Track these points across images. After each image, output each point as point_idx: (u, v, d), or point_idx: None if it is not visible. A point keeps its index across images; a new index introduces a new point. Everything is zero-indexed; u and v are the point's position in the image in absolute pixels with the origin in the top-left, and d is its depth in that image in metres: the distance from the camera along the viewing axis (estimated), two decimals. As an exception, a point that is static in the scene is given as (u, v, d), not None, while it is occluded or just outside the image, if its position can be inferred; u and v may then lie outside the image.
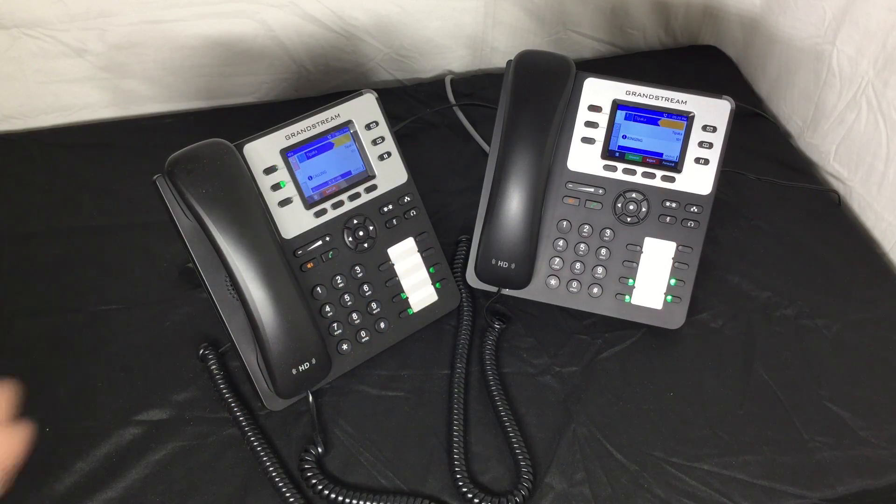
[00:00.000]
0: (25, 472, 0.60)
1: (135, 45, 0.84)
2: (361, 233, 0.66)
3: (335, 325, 0.64)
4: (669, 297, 0.68)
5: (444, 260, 0.70)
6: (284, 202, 0.63)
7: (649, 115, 0.68)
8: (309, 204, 0.64)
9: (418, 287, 0.68)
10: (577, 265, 0.69)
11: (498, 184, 0.66)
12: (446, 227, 0.76)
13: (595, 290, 0.69)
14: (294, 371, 0.59)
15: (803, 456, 0.63)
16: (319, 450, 0.61)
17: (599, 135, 0.69)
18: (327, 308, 0.64)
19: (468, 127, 0.89)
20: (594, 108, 0.68)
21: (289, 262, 0.60)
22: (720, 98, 0.67)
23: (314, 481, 0.59)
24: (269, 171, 0.62)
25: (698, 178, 0.68)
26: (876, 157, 0.80)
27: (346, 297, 0.65)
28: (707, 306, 0.72)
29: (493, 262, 0.67)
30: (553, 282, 0.69)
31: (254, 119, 0.71)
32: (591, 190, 0.69)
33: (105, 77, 0.86)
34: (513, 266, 0.67)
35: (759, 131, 0.91)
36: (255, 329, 0.58)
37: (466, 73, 1.00)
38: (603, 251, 0.69)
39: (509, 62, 0.69)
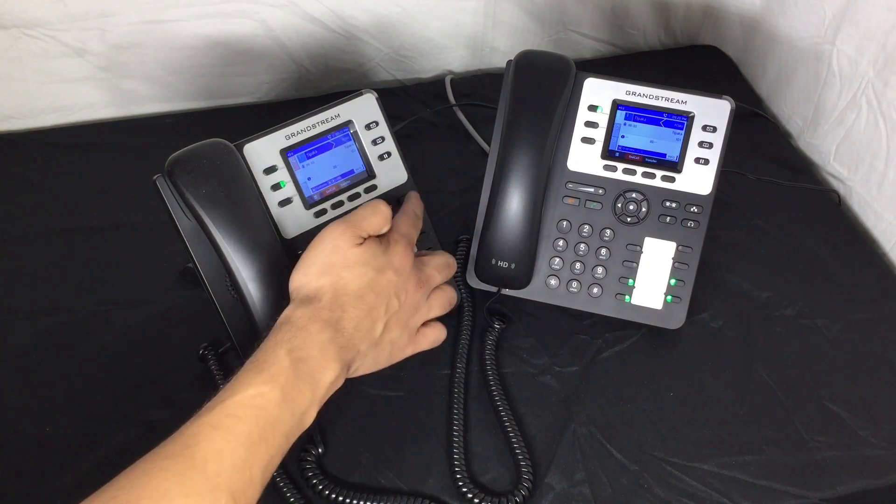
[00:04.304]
0: (26, 472, 0.60)
1: (135, 45, 0.84)
2: (361, 233, 0.66)
3: (335, 325, 0.64)
4: (669, 297, 0.68)
5: (444, 260, 0.70)
6: (284, 202, 0.63)
7: (649, 115, 0.68)
8: (309, 204, 0.64)
9: (418, 287, 0.68)
10: (577, 265, 0.69)
11: (498, 184, 0.66)
12: (446, 227, 0.76)
13: (595, 290, 0.69)
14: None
15: (803, 456, 0.63)
16: (319, 450, 0.61)
17: (599, 135, 0.69)
18: (327, 308, 0.64)
19: (468, 127, 0.89)
20: (594, 108, 0.68)
21: (289, 263, 0.60)
22: (720, 98, 0.67)
23: (314, 481, 0.59)
24: (269, 171, 0.62)
25: (698, 178, 0.68)
26: (876, 157, 0.80)
27: (346, 297, 0.65)
28: (707, 306, 0.72)
29: (493, 262, 0.67)
30: (553, 282, 0.69)
31: (254, 119, 0.71)
32: (591, 190, 0.69)
33: (105, 77, 0.86)
34: (513, 266, 0.67)
35: (759, 131, 0.91)
36: (255, 329, 0.58)
37: (466, 73, 1.00)
38: (603, 251, 0.69)
39: (509, 62, 0.69)
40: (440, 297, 0.62)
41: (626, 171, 0.68)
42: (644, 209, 0.68)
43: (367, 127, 0.66)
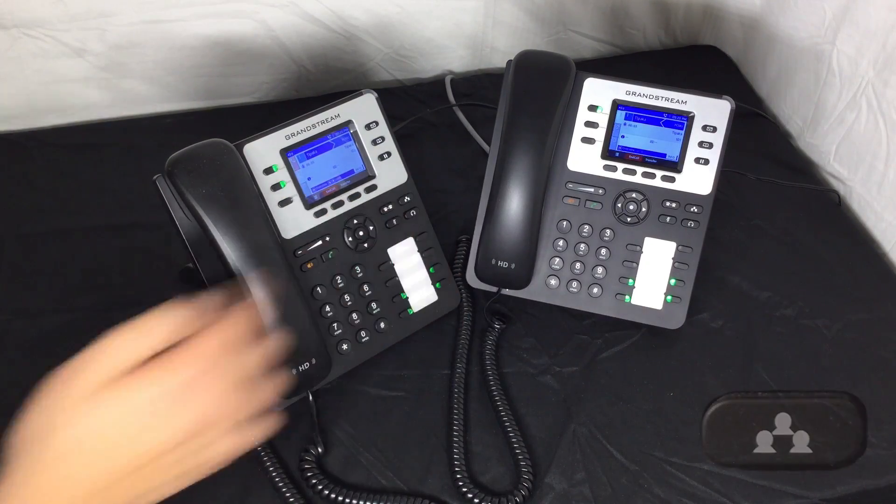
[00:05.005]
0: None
1: (135, 45, 0.84)
2: (361, 233, 0.66)
3: (335, 324, 0.64)
4: (669, 297, 0.68)
5: (443, 260, 0.70)
6: (284, 202, 0.63)
7: (649, 115, 0.68)
8: (309, 204, 0.64)
9: (418, 287, 0.68)
10: (577, 265, 0.69)
11: (498, 184, 0.66)
12: (446, 227, 0.76)
13: (595, 290, 0.69)
14: (294, 371, 0.59)
15: (803, 456, 0.63)
16: (319, 450, 0.61)
17: (599, 135, 0.69)
18: (327, 308, 0.64)
19: (468, 127, 0.89)
20: (594, 108, 0.68)
21: (289, 263, 0.60)
22: (720, 98, 0.67)
23: (314, 481, 0.59)
24: (269, 171, 0.62)
25: (698, 178, 0.68)
26: (876, 157, 0.80)
27: (346, 297, 0.65)
28: (707, 306, 0.72)
29: (493, 262, 0.67)
30: (553, 282, 0.69)
31: (254, 119, 0.71)
32: (591, 190, 0.69)
33: (105, 77, 0.86)
34: (513, 266, 0.67)
35: (759, 131, 0.91)
36: (255, 329, 0.58)
37: (466, 73, 1.00)
38: (603, 251, 0.69)
39: (509, 62, 0.69)
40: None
41: (626, 171, 0.68)
42: (644, 209, 0.68)
43: (367, 127, 0.66)
